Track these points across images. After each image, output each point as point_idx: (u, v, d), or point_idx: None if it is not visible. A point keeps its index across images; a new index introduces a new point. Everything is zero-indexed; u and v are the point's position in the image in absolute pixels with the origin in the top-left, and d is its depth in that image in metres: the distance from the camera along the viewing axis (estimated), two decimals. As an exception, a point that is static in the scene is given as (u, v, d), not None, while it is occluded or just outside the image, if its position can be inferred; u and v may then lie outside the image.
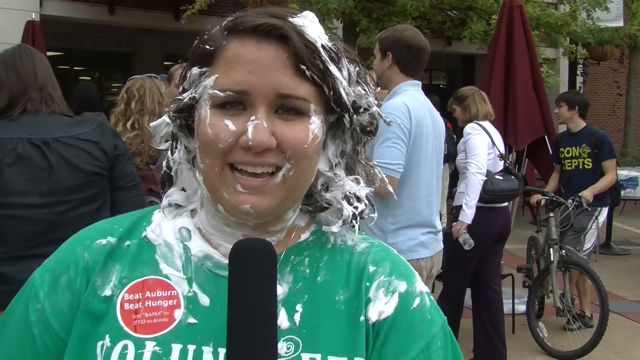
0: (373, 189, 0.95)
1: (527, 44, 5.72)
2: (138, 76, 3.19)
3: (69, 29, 12.43)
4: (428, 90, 3.34)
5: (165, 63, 13.40)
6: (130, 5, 11.33)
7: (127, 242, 0.91)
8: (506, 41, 5.72)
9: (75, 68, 14.76)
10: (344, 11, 8.87)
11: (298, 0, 8.18)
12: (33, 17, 7.98)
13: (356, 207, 0.92)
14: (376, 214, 0.95)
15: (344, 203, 0.92)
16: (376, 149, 3.03)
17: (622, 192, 8.47)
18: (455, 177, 10.01)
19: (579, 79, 13.72)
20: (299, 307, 0.86)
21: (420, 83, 3.30)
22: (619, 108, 16.90)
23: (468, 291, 5.80)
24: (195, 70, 0.86)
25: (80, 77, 14.49)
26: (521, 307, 5.77)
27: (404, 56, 3.20)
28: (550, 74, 9.10)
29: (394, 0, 8.92)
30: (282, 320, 0.84)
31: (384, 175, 0.98)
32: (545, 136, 5.69)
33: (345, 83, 0.86)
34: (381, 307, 0.86)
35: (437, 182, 3.29)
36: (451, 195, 10.38)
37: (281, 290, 0.85)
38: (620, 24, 11.77)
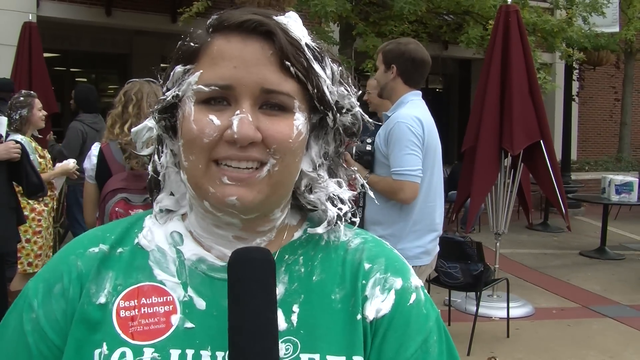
0: (355, 193, 0.96)
1: (523, 49, 5.74)
2: (137, 80, 3.19)
3: (65, 30, 12.40)
4: (424, 94, 3.44)
5: (162, 65, 13.33)
6: (127, 7, 11.31)
7: (120, 249, 0.90)
8: (502, 46, 5.74)
9: (71, 69, 14.72)
10: (341, 14, 8.86)
11: (296, 3, 8.18)
12: (30, 18, 7.95)
13: (340, 209, 0.92)
14: (358, 218, 0.96)
15: (328, 204, 0.92)
16: (394, 157, 3.15)
17: (618, 197, 8.52)
18: (451, 181, 10.00)
19: (575, 84, 13.74)
20: (295, 308, 0.85)
21: (420, 93, 3.42)
22: (615, 113, 16.94)
23: (465, 294, 5.83)
24: (179, 68, 0.87)
25: (77, 79, 14.44)
26: (516, 312, 5.78)
27: (408, 68, 3.32)
28: (547, 80, 9.11)
29: (391, 4, 8.92)
30: (280, 322, 0.83)
31: (364, 182, 0.99)
32: (541, 141, 5.70)
33: (328, 82, 0.87)
34: (378, 304, 0.86)
35: (440, 187, 3.41)
36: (447, 200, 10.44)
37: (277, 291, 0.84)
38: (616, 29, 11.80)
